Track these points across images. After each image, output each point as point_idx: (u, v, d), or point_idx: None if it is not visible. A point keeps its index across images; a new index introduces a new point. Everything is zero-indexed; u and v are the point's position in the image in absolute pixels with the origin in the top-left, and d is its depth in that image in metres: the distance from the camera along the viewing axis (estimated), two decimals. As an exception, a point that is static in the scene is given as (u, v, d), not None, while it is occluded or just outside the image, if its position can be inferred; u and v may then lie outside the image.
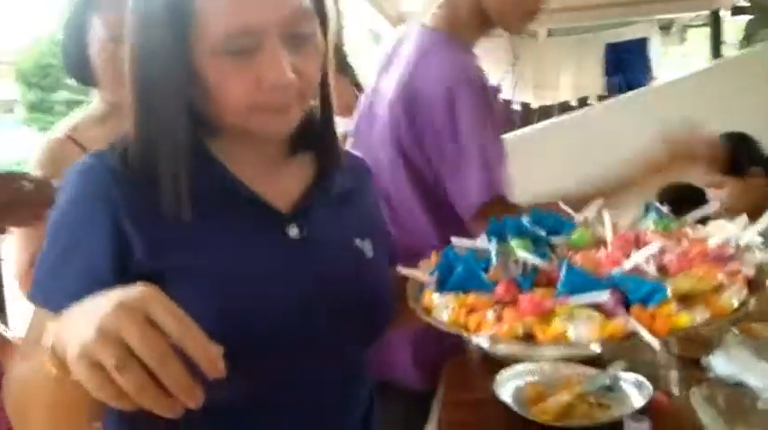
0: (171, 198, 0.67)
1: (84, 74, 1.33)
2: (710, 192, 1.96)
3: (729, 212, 2.05)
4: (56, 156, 1.25)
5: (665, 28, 8.30)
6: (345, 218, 0.81)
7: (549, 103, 7.31)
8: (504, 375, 1.10)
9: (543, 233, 0.75)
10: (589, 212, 0.85)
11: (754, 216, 1.97)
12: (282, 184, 0.77)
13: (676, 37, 8.59)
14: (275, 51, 0.63)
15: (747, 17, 6.15)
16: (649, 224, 0.76)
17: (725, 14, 7.18)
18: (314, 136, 0.78)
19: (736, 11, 6.79)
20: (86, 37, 1.26)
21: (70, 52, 1.31)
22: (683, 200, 2.15)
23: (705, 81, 2.60)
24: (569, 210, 0.92)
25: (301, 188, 0.79)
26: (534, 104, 7.29)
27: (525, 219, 0.78)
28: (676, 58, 8.89)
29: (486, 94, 1.20)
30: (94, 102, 1.39)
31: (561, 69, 7.84)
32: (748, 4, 4.00)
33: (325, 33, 0.72)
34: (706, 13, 7.39)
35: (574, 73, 7.73)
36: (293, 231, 0.74)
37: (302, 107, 0.70)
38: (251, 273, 0.69)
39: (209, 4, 0.62)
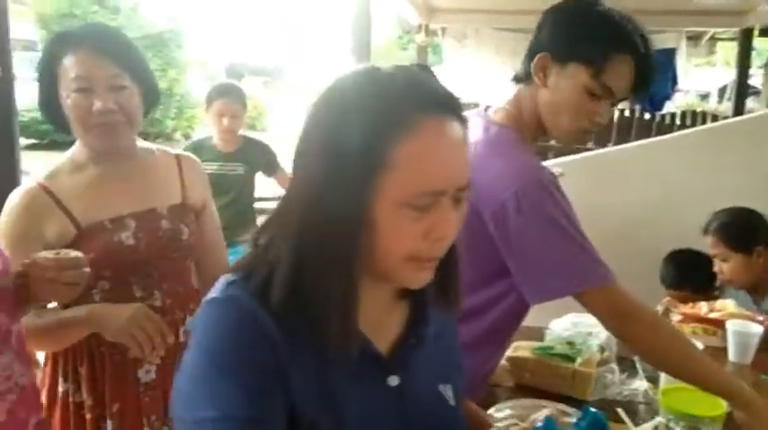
0: (339, 334, 0.67)
1: (58, 119, 1.23)
2: (716, 264, 2.05)
3: (730, 284, 2.11)
4: (29, 207, 1.21)
5: (694, 39, 8.20)
6: (433, 362, 0.81)
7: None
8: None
9: None
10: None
11: (753, 291, 2.02)
12: (386, 327, 0.78)
13: (705, 49, 8.49)
14: (449, 209, 0.68)
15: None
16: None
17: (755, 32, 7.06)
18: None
19: (765, 32, 6.69)
20: (57, 81, 1.21)
21: (43, 96, 1.25)
22: (689, 265, 2.21)
23: (728, 136, 2.58)
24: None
25: (399, 330, 0.79)
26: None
27: None
28: (703, 71, 8.77)
29: (555, 192, 1.21)
30: (77, 145, 1.29)
31: (584, 72, 7.73)
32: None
33: None
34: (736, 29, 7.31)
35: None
36: (393, 381, 0.74)
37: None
38: (353, 422, 0.71)
39: (406, 162, 0.64)
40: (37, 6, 12.12)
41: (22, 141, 3.34)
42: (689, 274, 2.13)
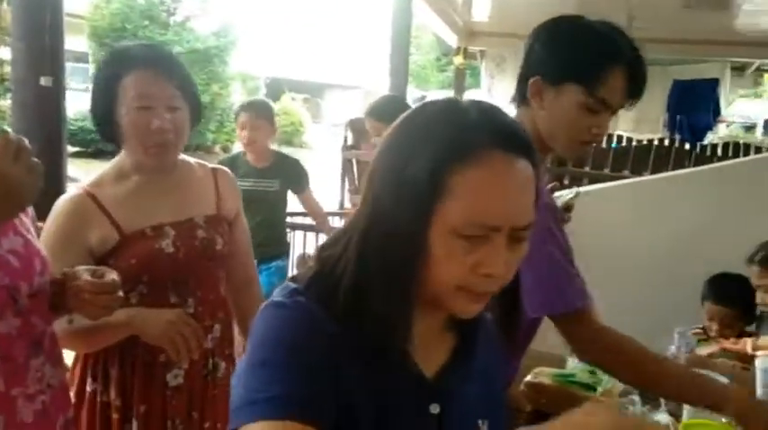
0: (390, 352, 0.71)
1: (111, 133, 1.30)
2: (758, 296, 1.94)
3: None
4: (75, 212, 1.27)
5: (738, 69, 8.03)
6: (476, 396, 0.81)
7: (608, 131, 7.15)
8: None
9: None
10: None
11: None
12: (433, 354, 0.78)
13: (749, 80, 8.30)
14: (500, 247, 0.68)
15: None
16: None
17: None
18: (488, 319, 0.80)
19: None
20: (116, 98, 1.27)
21: (98, 110, 1.31)
22: (731, 289, 2.10)
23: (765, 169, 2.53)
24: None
25: (445, 359, 0.79)
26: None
27: None
28: (748, 102, 8.59)
29: (554, 216, 1.22)
30: (121, 156, 1.35)
31: (624, 100, 7.69)
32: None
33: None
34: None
35: (636, 105, 7.57)
36: (434, 408, 0.75)
37: (494, 294, 0.73)
38: None
39: (464, 190, 0.66)
40: (91, 20, 12.59)
41: (69, 149, 3.47)
42: (729, 293, 2.08)
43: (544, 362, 1.56)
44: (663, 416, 1.40)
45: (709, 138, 7.55)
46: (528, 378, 1.49)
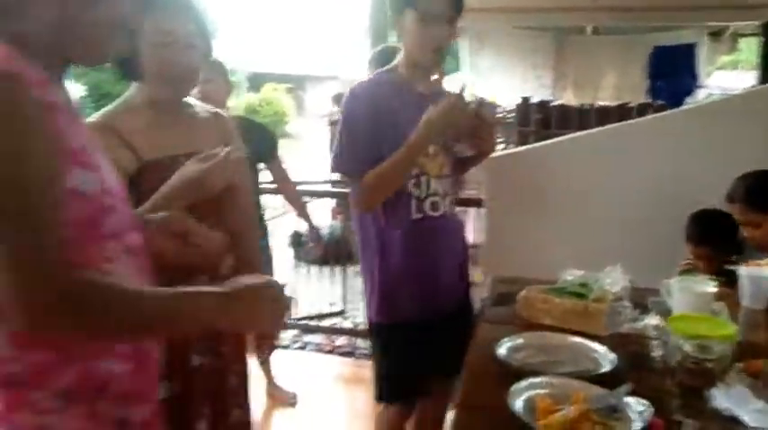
0: None
1: (131, 70, 1.43)
2: (744, 230, 1.92)
3: (763, 250, 2.07)
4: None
5: (716, 34, 8.11)
6: None
7: (588, 101, 7.20)
8: (518, 386, 1.13)
9: None
10: None
11: (776, 251, 1.99)
12: None
13: (726, 44, 8.38)
14: None
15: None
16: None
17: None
18: None
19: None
20: (137, 39, 1.38)
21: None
22: (714, 226, 2.06)
23: (746, 106, 2.56)
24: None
25: None
26: (574, 102, 7.22)
27: None
28: (726, 66, 8.65)
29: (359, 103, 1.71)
30: (132, 92, 1.47)
31: (604, 69, 7.77)
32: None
33: None
34: (757, 22, 7.23)
35: (617, 74, 7.64)
36: None
37: None
38: None
39: None
40: None
41: None
42: (712, 232, 2.06)
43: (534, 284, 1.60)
44: (653, 317, 1.45)
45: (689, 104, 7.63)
46: (521, 293, 1.54)
